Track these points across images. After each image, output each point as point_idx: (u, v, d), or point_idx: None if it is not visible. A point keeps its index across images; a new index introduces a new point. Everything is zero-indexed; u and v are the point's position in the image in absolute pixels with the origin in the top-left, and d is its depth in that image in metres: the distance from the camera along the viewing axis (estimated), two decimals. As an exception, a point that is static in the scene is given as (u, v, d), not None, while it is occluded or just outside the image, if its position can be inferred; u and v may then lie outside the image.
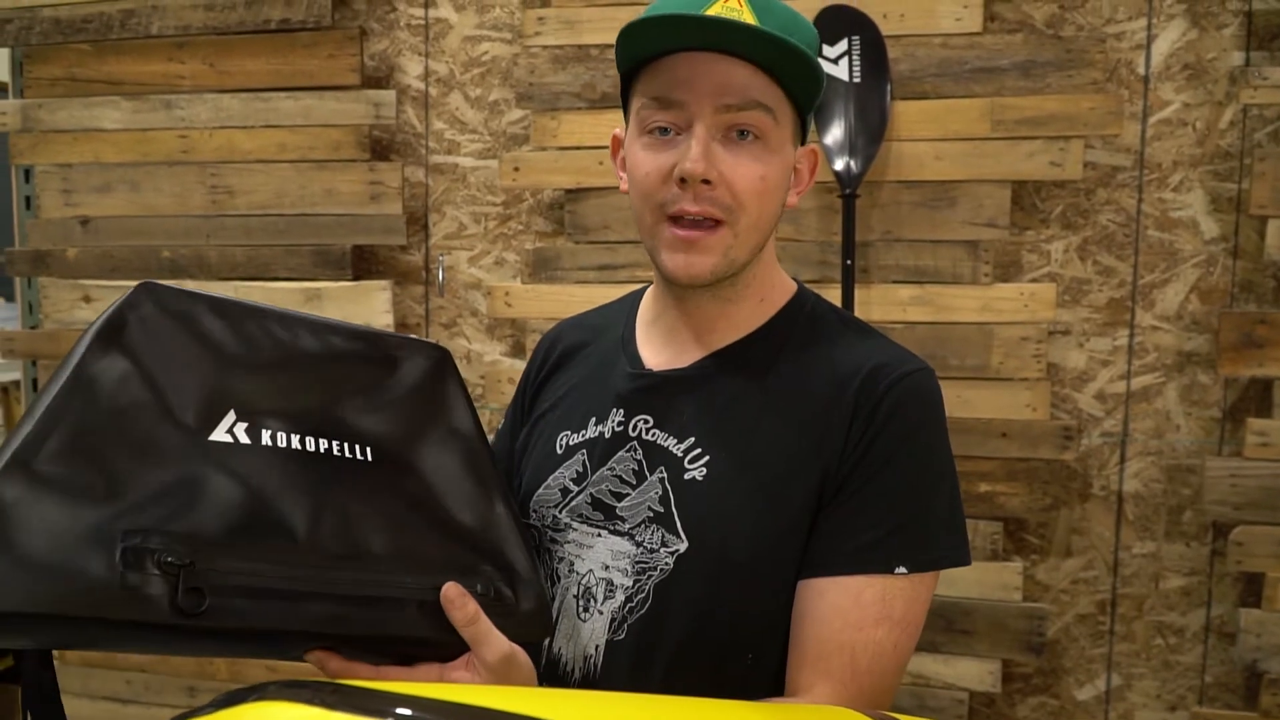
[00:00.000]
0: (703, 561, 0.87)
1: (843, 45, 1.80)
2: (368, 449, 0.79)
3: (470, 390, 2.14)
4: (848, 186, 1.76)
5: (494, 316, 2.03)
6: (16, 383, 3.25)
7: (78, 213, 2.20)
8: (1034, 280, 1.85)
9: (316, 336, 0.81)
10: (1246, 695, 1.82)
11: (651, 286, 1.04)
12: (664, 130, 0.87)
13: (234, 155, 2.10)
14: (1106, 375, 1.84)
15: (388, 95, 2.01)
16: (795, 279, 1.01)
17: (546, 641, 0.95)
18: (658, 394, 0.95)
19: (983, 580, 1.83)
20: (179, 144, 2.12)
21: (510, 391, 2.00)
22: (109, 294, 2.17)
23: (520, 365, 2.04)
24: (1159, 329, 1.82)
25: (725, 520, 0.88)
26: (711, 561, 0.87)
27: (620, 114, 0.98)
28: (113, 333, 0.71)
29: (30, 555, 0.61)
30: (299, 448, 0.75)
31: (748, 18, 0.84)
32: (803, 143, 0.94)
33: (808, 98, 0.89)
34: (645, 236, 0.92)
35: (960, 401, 1.82)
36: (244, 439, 0.73)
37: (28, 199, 2.25)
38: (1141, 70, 1.79)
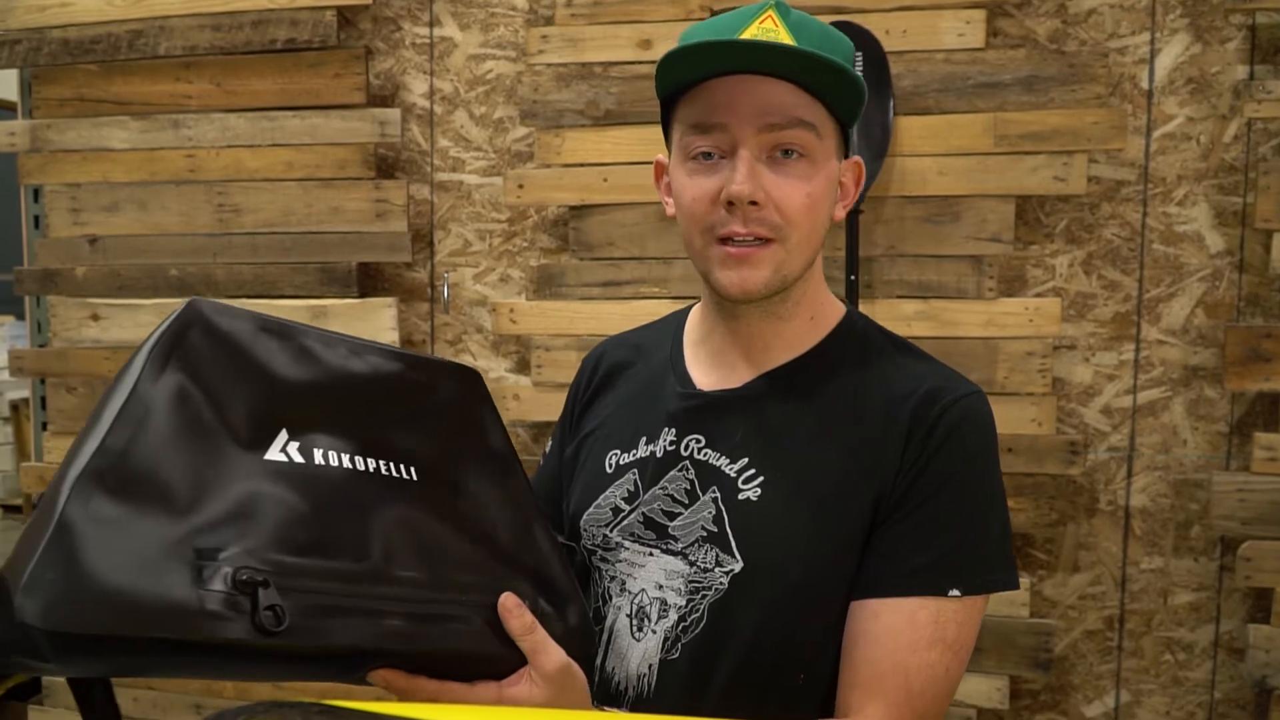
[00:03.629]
0: (758, 582, 0.88)
1: (845, 62, 1.80)
2: (412, 468, 0.80)
3: (475, 407, 2.13)
4: (851, 202, 1.77)
5: (499, 333, 2.04)
6: (26, 400, 3.27)
7: (86, 232, 2.21)
8: (1039, 295, 1.85)
9: (357, 356, 0.82)
10: (1256, 712, 1.80)
11: (697, 306, 1.04)
12: (707, 155, 0.87)
13: (241, 174, 2.12)
14: (1112, 390, 1.84)
15: (393, 114, 2.02)
16: (842, 299, 1.00)
17: (599, 660, 0.95)
18: (709, 414, 0.95)
19: (990, 596, 1.82)
20: (186, 163, 2.14)
21: (515, 408, 2.01)
22: (117, 312, 2.19)
23: (526, 381, 2.04)
24: (1165, 343, 1.82)
25: (780, 541, 0.88)
26: (766, 582, 0.88)
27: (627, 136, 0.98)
28: (167, 350, 0.72)
29: (103, 575, 0.59)
30: (349, 467, 0.75)
31: (784, 37, 0.85)
32: (846, 155, 0.94)
33: (849, 111, 0.89)
34: (696, 258, 0.92)
35: (966, 416, 1.82)
36: (297, 458, 0.73)
37: (37, 218, 2.27)
38: (1145, 84, 1.79)
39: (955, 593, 0.84)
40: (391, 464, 0.79)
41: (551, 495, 1.09)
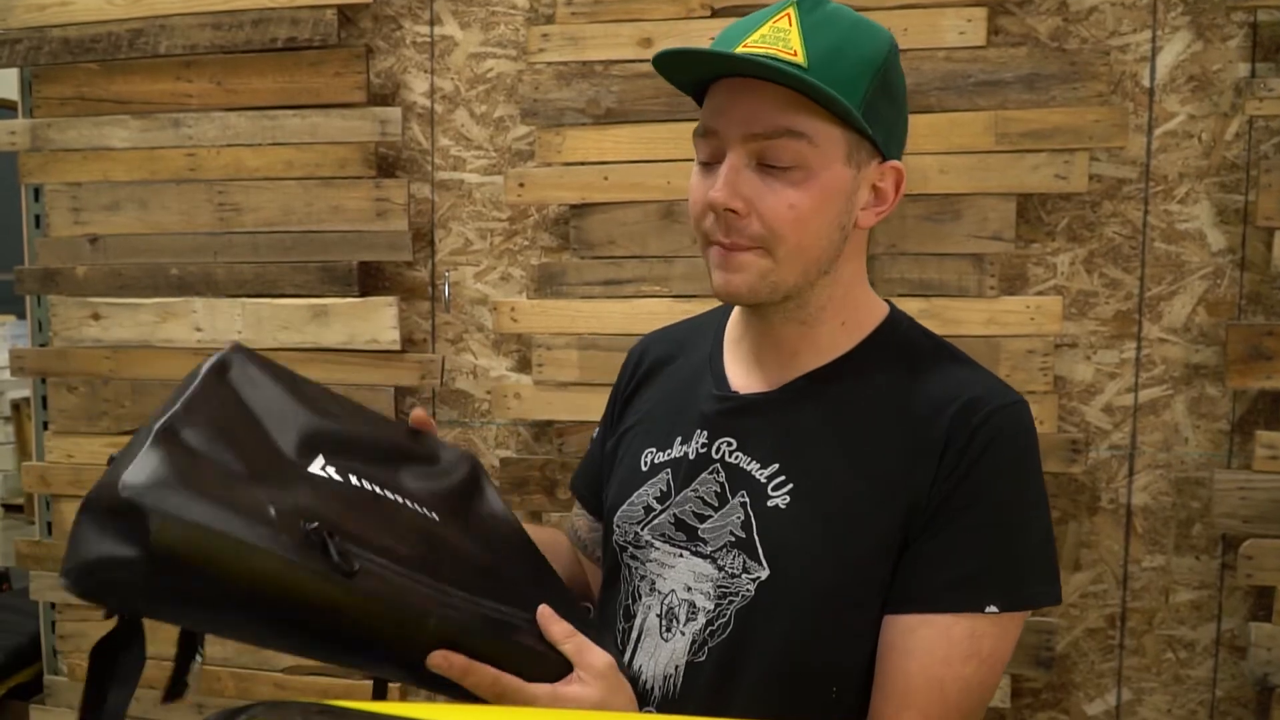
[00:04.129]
0: (784, 590, 0.87)
1: (846, 60, 1.80)
2: (432, 511, 0.84)
3: (476, 405, 2.15)
4: (852, 201, 1.76)
5: (500, 332, 2.04)
6: (27, 399, 3.27)
7: (86, 231, 2.21)
8: (1040, 293, 1.84)
9: (369, 418, 0.90)
10: (1258, 710, 1.80)
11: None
12: (706, 162, 0.88)
13: (241, 173, 2.11)
14: (1114, 388, 1.84)
15: (393, 112, 2.02)
16: (888, 300, 0.99)
17: (628, 657, 0.96)
18: (742, 417, 0.95)
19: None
20: (187, 162, 2.14)
21: (516, 406, 2.01)
22: (118, 311, 2.18)
23: (527, 380, 2.04)
24: (1166, 341, 1.81)
25: (807, 551, 0.87)
26: (793, 591, 0.87)
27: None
28: (221, 370, 0.79)
29: (199, 506, 0.64)
30: (382, 494, 0.80)
31: (794, 39, 0.83)
32: (884, 158, 0.89)
33: (866, 116, 0.85)
34: (705, 258, 0.93)
35: (967, 415, 1.82)
36: (336, 477, 0.77)
37: (37, 217, 2.27)
38: (1146, 82, 1.79)
39: (993, 609, 0.83)
40: (414, 502, 0.83)
41: (594, 486, 1.13)
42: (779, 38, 0.83)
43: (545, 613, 0.78)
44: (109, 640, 0.69)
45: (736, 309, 1.02)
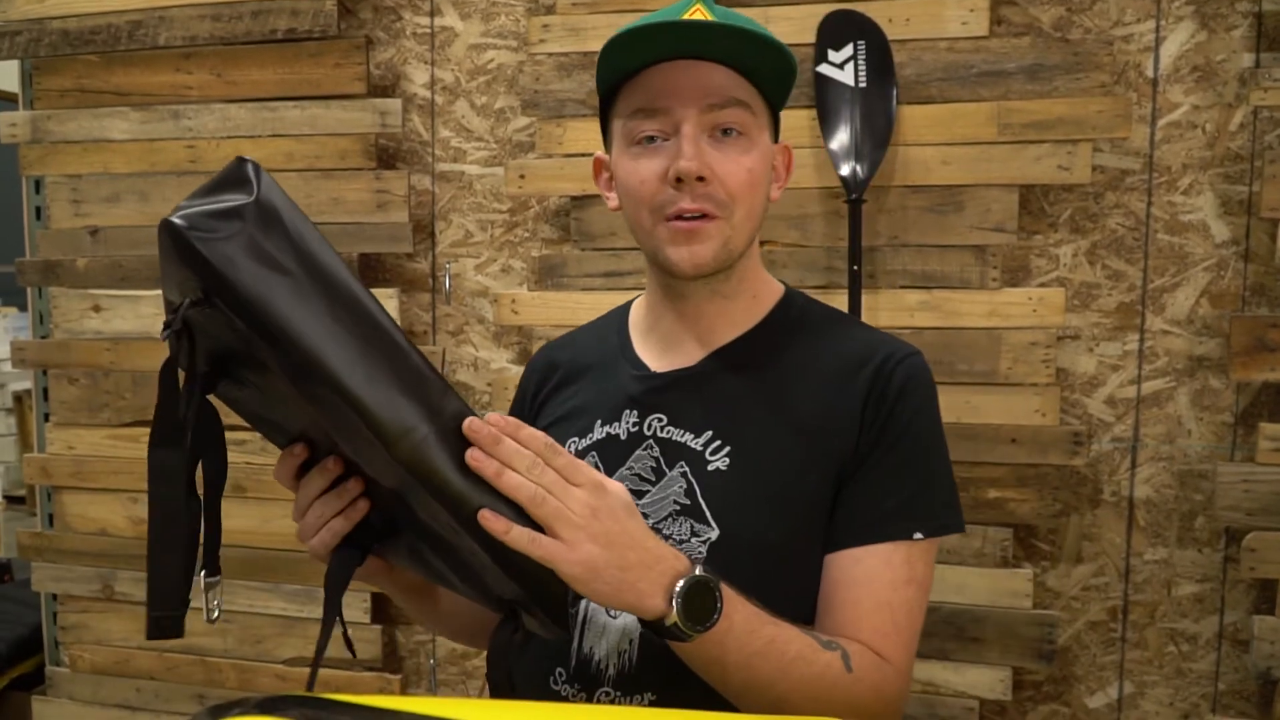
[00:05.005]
0: (736, 547, 0.92)
1: (848, 50, 1.79)
2: None
3: (477, 398, 2.14)
4: (854, 192, 1.76)
5: (500, 324, 2.03)
6: (29, 391, 3.28)
7: (87, 223, 2.21)
8: (1042, 285, 1.84)
9: None
10: (1260, 703, 1.80)
11: (640, 299, 1.09)
12: (651, 138, 0.92)
13: (241, 164, 2.11)
14: (1117, 380, 1.83)
15: (393, 104, 2.02)
16: (783, 281, 1.07)
17: (575, 643, 0.96)
18: (669, 393, 0.99)
19: (993, 587, 1.82)
20: (187, 154, 2.13)
21: (517, 399, 2.00)
22: (118, 303, 2.18)
23: (527, 372, 2.04)
24: (1170, 333, 1.81)
25: (755, 506, 0.93)
26: (744, 546, 0.92)
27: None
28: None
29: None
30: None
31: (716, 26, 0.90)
32: (776, 139, 0.99)
33: (779, 93, 0.96)
34: (644, 239, 0.96)
35: (969, 407, 1.81)
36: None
37: (38, 209, 2.26)
38: (1150, 73, 1.78)
39: (919, 536, 0.92)
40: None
41: None
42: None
43: (485, 514, 0.76)
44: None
45: (639, 303, 1.09)
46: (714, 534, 0.92)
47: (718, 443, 0.95)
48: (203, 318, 0.67)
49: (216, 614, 0.76)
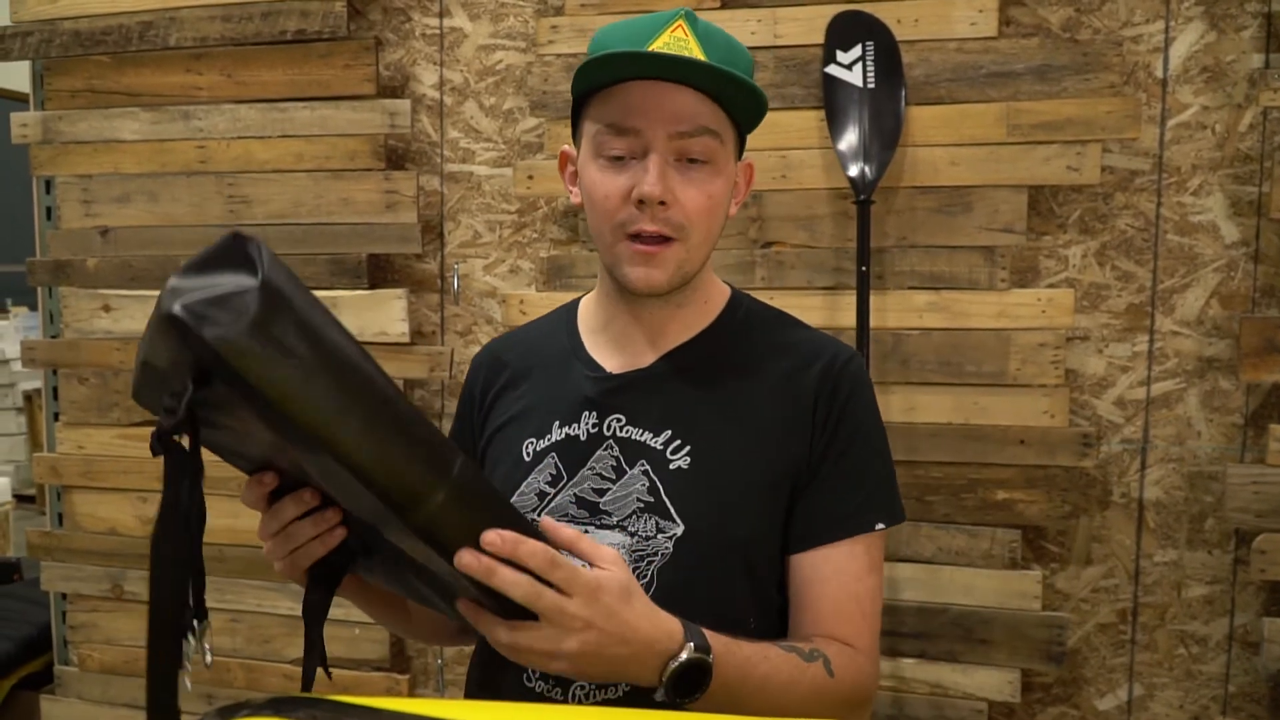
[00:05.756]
0: (701, 543, 0.95)
1: (856, 51, 1.79)
2: None
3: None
4: (862, 193, 1.76)
5: (509, 324, 2.04)
6: (39, 390, 3.28)
7: (97, 223, 2.22)
8: (1051, 286, 1.83)
9: None
10: (1271, 705, 1.79)
11: (587, 298, 1.11)
12: (619, 157, 0.94)
13: (251, 165, 2.12)
14: (1126, 381, 1.82)
15: (403, 104, 2.02)
16: (728, 283, 1.11)
17: None
18: (626, 393, 1.02)
19: (1002, 589, 1.81)
20: (197, 154, 2.14)
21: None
22: (128, 304, 2.19)
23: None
24: (1179, 334, 1.80)
25: (720, 502, 0.96)
26: (708, 542, 0.95)
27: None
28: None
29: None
30: None
31: (694, 47, 0.93)
32: (740, 157, 1.02)
33: (749, 120, 0.99)
34: (603, 250, 0.99)
35: (977, 409, 1.81)
36: None
37: (49, 209, 2.28)
38: (1159, 73, 1.77)
39: (880, 526, 0.99)
40: None
41: None
42: (681, 46, 0.92)
43: (549, 521, 0.82)
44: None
45: (589, 301, 1.10)
46: (679, 530, 0.95)
47: (677, 442, 0.98)
48: (201, 396, 0.66)
49: (209, 658, 0.75)
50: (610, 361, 1.04)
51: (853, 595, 0.97)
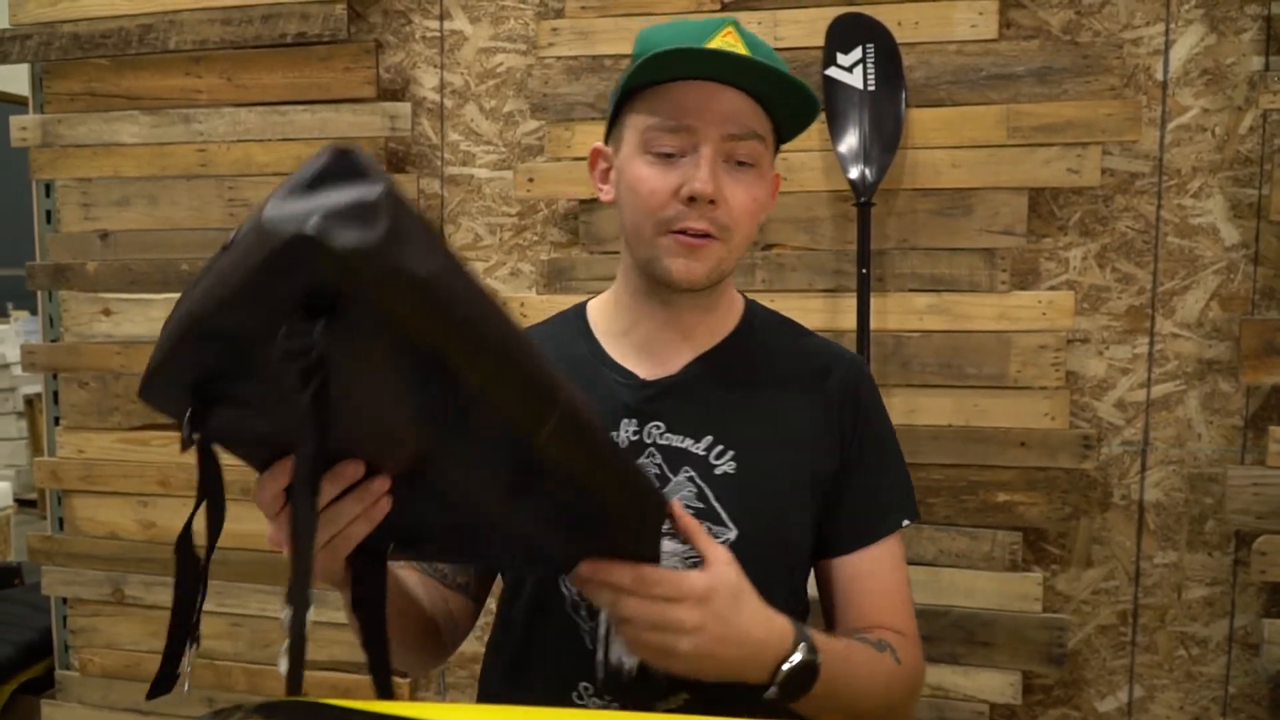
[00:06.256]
0: (755, 545, 0.96)
1: (857, 53, 1.79)
2: None
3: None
4: (863, 195, 1.76)
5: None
6: (39, 395, 3.28)
7: (97, 226, 2.21)
8: (1052, 288, 1.83)
9: None
10: (1271, 707, 1.79)
11: (596, 302, 1.11)
12: (668, 154, 0.95)
13: (251, 168, 2.12)
14: (1126, 383, 1.83)
15: (403, 107, 2.02)
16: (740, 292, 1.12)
17: (602, 654, 0.96)
18: (663, 400, 1.02)
19: (1002, 591, 1.81)
20: (197, 158, 2.14)
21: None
22: (128, 307, 2.19)
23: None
24: (1179, 336, 1.80)
25: (768, 506, 0.98)
26: (762, 544, 0.97)
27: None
28: None
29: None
30: None
31: (742, 52, 0.93)
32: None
33: (792, 129, 1.00)
34: (639, 245, 0.98)
35: (978, 411, 1.81)
36: None
37: (48, 213, 2.27)
38: (1160, 76, 1.78)
39: (906, 523, 1.04)
40: None
41: None
42: (733, 51, 0.92)
43: (678, 505, 0.84)
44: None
45: (602, 305, 1.10)
46: (732, 534, 0.96)
47: (720, 447, 0.99)
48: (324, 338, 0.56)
49: (187, 685, 0.73)
50: (640, 367, 1.03)
51: (894, 587, 1.02)
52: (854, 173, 1.77)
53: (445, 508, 0.74)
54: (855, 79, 1.79)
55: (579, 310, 1.12)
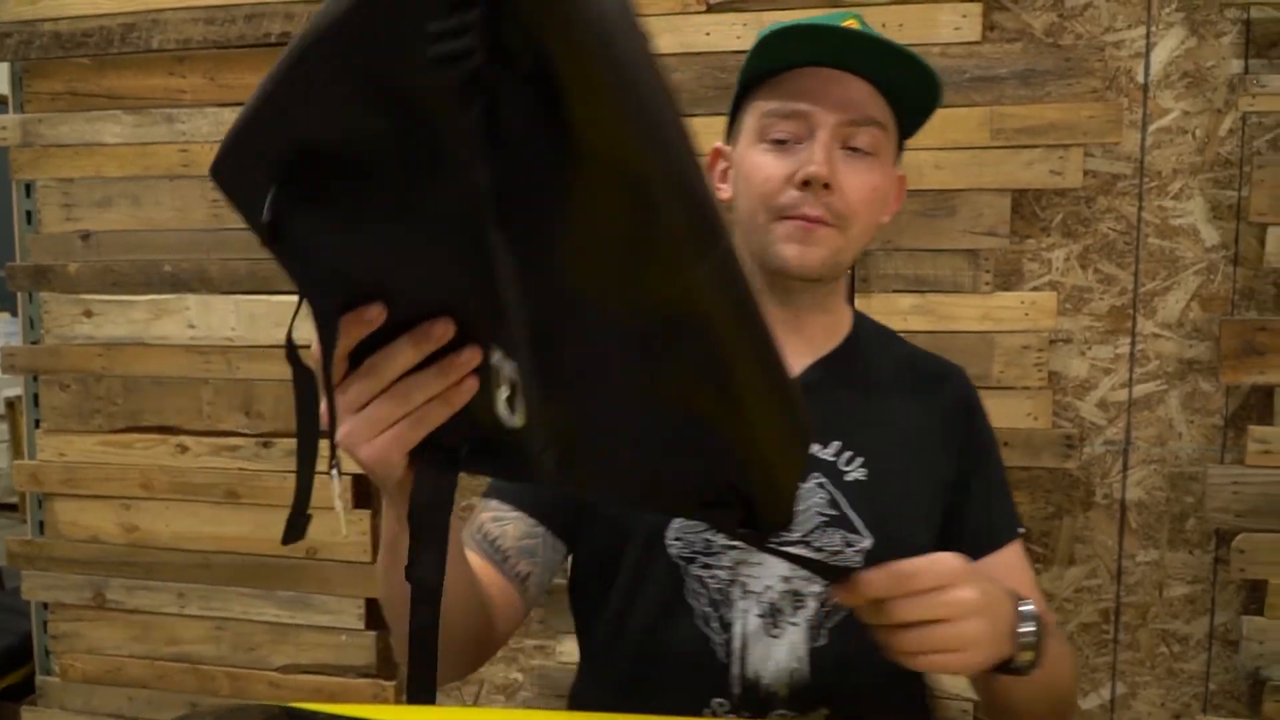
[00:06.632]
0: (890, 555, 0.92)
1: (842, 56, 1.80)
2: None
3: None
4: (848, 196, 1.77)
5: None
6: (20, 397, 3.25)
7: (78, 227, 2.20)
8: (1035, 289, 1.85)
9: None
10: (1250, 703, 1.81)
11: None
12: (782, 141, 0.93)
13: (234, 169, 2.10)
14: (1108, 383, 1.84)
15: (388, 108, 2.01)
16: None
17: (738, 670, 0.94)
18: None
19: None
20: (180, 158, 2.13)
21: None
22: (110, 308, 2.17)
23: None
24: (1160, 337, 1.82)
25: (903, 515, 0.97)
26: (898, 553, 0.93)
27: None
28: None
29: None
30: None
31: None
32: (897, 162, 1.00)
33: (915, 120, 0.97)
34: (754, 235, 0.95)
35: (962, 410, 1.82)
36: None
37: (29, 213, 2.25)
38: (1141, 78, 1.79)
39: (1021, 530, 1.06)
40: None
41: (554, 497, 1.00)
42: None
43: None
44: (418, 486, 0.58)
45: None
46: (867, 543, 0.94)
47: (849, 453, 0.97)
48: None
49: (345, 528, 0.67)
50: None
51: (1030, 585, 1.02)
52: (839, 174, 1.77)
53: (550, 392, 0.56)
54: (840, 81, 1.80)
55: None
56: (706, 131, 1.89)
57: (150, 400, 2.17)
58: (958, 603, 0.70)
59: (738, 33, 1.87)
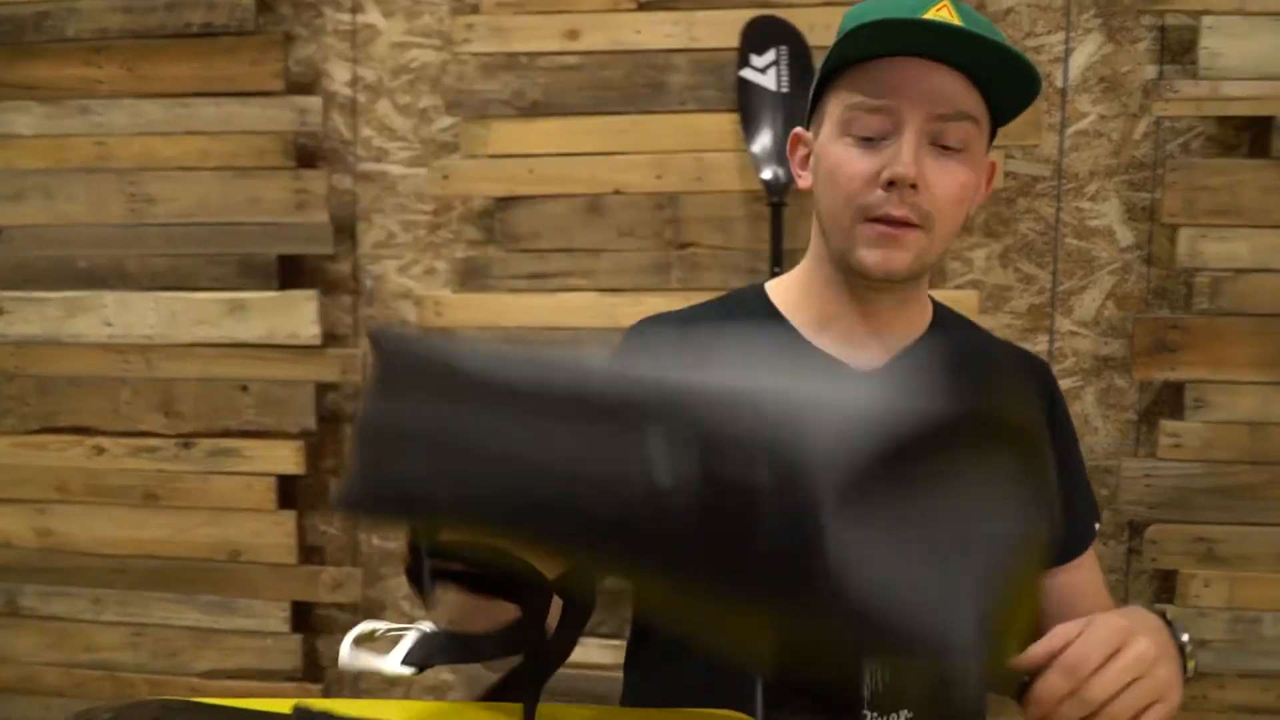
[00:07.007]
0: None
1: (770, 55, 1.82)
2: None
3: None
4: (775, 195, 1.78)
5: (424, 326, 2.01)
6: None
7: (-11, 221, 2.12)
8: (958, 287, 1.89)
9: None
10: (1164, 689, 1.87)
11: (786, 286, 1.03)
12: (869, 138, 0.88)
13: (154, 162, 2.05)
14: (1028, 380, 1.89)
15: (313, 101, 1.98)
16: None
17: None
18: None
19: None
20: (96, 151, 2.06)
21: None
22: (22, 305, 2.10)
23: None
24: (1077, 334, 1.87)
25: None
26: None
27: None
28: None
29: None
30: None
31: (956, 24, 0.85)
32: (988, 151, 0.94)
33: (1010, 110, 0.91)
34: (836, 234, 0.92)
35: (888, 407, 1.85)
36: None
37: (-65, 207, 2.17)
38: (1060, 83, 1.84)
39: (1098, 526, 1.06)
40: None
41: None
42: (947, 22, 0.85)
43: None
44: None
45: (789, 291, 1.02)
46: None
47: None
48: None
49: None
50: (852, 359, 0.96)
51: (1104, 594, 1.03)
52: (767, 173, 1.79)
53: None
54: (769, 81, 1.82)
55: (755, 291, 1.04)
56: (634, 130, 1.90)
57: (66, 400, 2.10)
58: (1140, 658, 0.68)
59: (667, 30, 1.87)
